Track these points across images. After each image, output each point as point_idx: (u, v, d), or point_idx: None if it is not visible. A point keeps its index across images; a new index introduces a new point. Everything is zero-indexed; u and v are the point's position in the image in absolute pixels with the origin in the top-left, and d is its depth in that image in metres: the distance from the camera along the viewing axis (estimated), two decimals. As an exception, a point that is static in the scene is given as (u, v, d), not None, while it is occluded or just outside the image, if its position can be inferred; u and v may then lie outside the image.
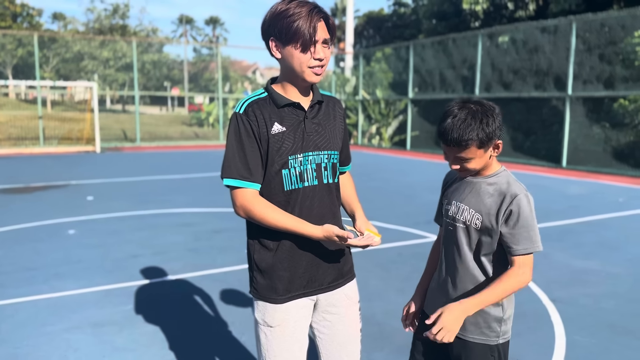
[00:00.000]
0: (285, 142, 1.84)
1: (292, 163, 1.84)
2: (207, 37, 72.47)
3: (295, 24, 1.73)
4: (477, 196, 1.85)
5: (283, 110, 1.86)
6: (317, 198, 1.91)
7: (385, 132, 21.58)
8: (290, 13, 1.74)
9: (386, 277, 4.95)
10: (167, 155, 17.51)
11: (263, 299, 1.92)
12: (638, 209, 8.53)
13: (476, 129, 1.73)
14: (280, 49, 1.80)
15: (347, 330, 2.04)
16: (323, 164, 1.91)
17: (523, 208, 1.76)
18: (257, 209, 1.81)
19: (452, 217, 1.91)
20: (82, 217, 7.40)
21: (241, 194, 1.83)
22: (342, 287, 2.02)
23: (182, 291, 4.54)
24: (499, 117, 1.77)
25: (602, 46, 14.49)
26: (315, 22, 1.75)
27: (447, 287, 1.93)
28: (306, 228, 1.81)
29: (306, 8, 1.75)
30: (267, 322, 1.92)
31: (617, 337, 3.69)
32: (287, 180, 1.85)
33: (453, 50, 18.99)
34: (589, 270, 5.22)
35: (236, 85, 39.41)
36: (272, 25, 1.78)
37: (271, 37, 1.80)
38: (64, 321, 3.84)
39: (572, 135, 14.65)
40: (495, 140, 1.78)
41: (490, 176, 1.86)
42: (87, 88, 21.08)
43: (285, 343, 1.92)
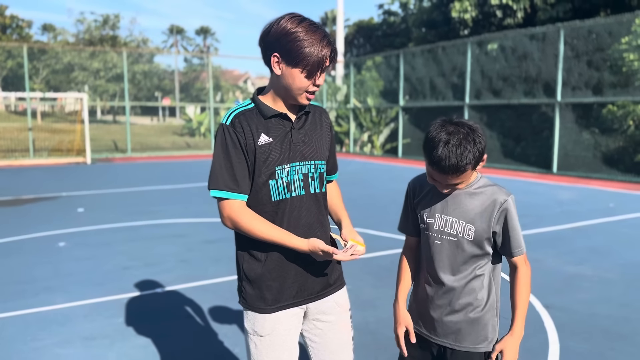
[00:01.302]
0: (272, 152, 1.84)
1: (279, 174, 1.85)
2: (198, 47, 72.55)
3: (307, 50, 1.73)
4: (465, 207, 1.84)
5: (270, 121, 1.86)
6: (305, 208, 1.91)
7: (377, 140, 21.64)
8: (302, 37, 1.73)
9: (379, 285, 4.93)
10: (159, 165, 17.44)
11: (252, 309, 1.92)
12: (629, 214, 8.58)
13: (472, 151, 1.71)
14: (282, 66, 1.79)
15: (339, 338, 2.03)
16: (310, 173, 1.91)
17: (511, 211, 1.82)
18: (243, 220, 1.82)
19: (439, 230, 1.88)
20: (73, 229, 7.33)
21: (228, 205, 1.83)
22: (332, 295, 2.01)
23: (174, 303, 4.49)
24: (483, 133, 1.78)
25: (590, 53, 14.64)
26: (325, 53, 1.76)
27: (439, 300, 1.90)
28: (292, 241, 1.82)
29: (318, 35, 1.75)
30: (256, 331, 1.91)
31: (611, 342, 3.69)
32: (274, 191, 1.85)
33: (443, 58, 19.12)
34: (581, 275, 5.23)
35: (227, 94, 39.42)
36: (279, 42, 1.75)
37: (275, 52, 1.78)
38: (53, 335, 3.79)
39: (562, 141, 14.75)
40: (483, 159, 1.79)
41: (471, 185, 1.85)
42: (77, 99, 20.99)
43: (275, 352, 1.91)
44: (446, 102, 18.63)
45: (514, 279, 1.88)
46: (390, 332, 3.86)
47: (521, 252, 1.85)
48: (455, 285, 1.87)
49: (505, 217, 1.80)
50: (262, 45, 1.82)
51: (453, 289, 1.87)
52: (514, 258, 1.85)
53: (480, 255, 1.84)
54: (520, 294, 1.86)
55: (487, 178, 1.90)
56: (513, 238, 1.82)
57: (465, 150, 1.70)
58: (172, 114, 52.50)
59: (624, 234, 7.10)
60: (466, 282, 1.85)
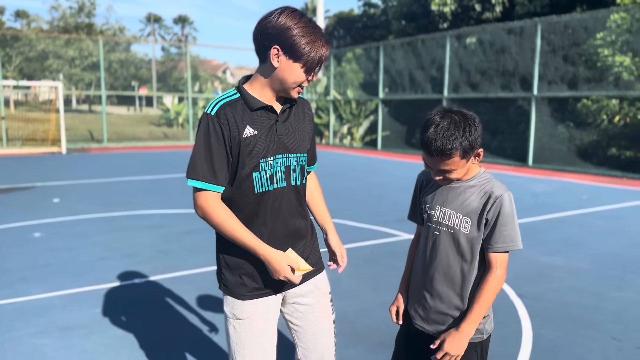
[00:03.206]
0: (257, 145, 1.85)
1: (263, 166, 1.86)
2: (176, 36, 71.63)
3: (309, 47, 1.78)
4: (463, 200, 1.87)
5: (255, 113, 1.87)
6: (286, 199, 1.94)
7: (357, 132, 21.70)
8: (304, 34, 1.77)
9: (358, 275, 4.98)
10: (136, 156, 17.24)
11: (231, 294, 1.95)
12: (601, 206, 8.79)
13: (459, 137, 1.73)
14: (281, 59, 1.80)
15: (320, 321, 2.07)
16: (292, 166, 1.94)
17: (505, 207, 1.80)
18: (216, 213, 1.83)
19: (438, 222, 1.92)
20: (48, 219, 7.23)
21: (203, 196, 1.84)
22: (310, 280, 2.05)
23: (152, 293, 4.48)
24: (479, 126, 1.80)
25: (566, 48, 14.88)
26: (324, 52, 1.82)
27: (430, 290, 1.95)
28: (262, 248, 1.83)
29: (318, 33, 1.80)
30: (235, 315, 1.95)
31: (581, 329, 3.80)
32: (257, 183, 1.87)
33: (422, 51, 19.22)
34: (554, 266, 5.36)
35: (206, 84, 39.07)
36: (281, 36, 1.77)
37: (275, 45, 1.78)
38: (30, 326, 3.76)
39: (537, 134, 14.99)
40: (477, 149, 1.81)
41: (472, 179, 1.88)
42: (52, 88, 20.57)
43: (254, 335, 1.95)
44: (425, 95, 18.76)
45: (484, 278, 1.84)
46: (369, 322, 3.93)
47: (499, 249, 1.81)
48: (448, 277, 1.90)
49: (498, 211, 1.80)
50: (260, 36, 1.81)
51: (446, 281, 1.90)
52: (492, 253, 1.82)
53: (475, 248, 1.86)
54: (483, 294, 1.83)
55: (488, 173, 1.92)
56: (498, 232, 1.80)
57: (452, 135, 1.73)
58: (149, 103, 51.81)
59: (596, 225, 7.28)
60: (459, 274, 1.88)
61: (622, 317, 4.05)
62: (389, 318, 3.87)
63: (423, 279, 1.98)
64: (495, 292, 1.84)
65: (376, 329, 3.78)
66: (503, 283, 1.85)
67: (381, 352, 3.41)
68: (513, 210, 1.82)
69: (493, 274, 1.82)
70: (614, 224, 7.35)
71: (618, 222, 7.53)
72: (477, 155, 1.83)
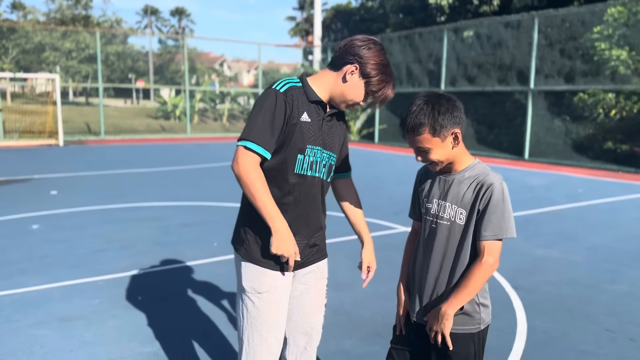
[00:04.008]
0: (309, 131, 2.00)
1: (309, 152, 2.01)
2: (173, 28, 71.28)
3: (383, 83, 2.01)
4: (457, 191, 1.89)
5: (311, 104, 2.02)
6: (316, 188, 2.08)
7: (354, 126, 21.72)
8: (383, 71, 2.00)
9: (353, 267, 5.00)
10: (133, 148, 17.22)
11: (254, 261, 2.03)
12: (596, 200, 8.85)
13: (427, 114, 1.82)
14: (354, 77, 2.00)
15: (313, 301, 2.18)
16: (324, 161, 2.09)
17: (495, 194, 1.82)
18: (251, 173, 1.91)
19: (435, 214, 1.94)
20: (46, 211, 7.25)
21: (247, 155, 1.93)
22: (316, 263, 2.18)
23: (151, 285, 4.51)
24: (456, 109, 1.84)
25: (563, 41, 14.90)
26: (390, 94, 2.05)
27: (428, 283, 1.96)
28: (279, 219, 1.91)
29: (392, 76, 2.06)
30: (256, 288, 2.01)
31: (575, 321, 3.85)
32: (299, 164, 2.00)
33: (419, 45, 19.22)
34: (549, 258, 5.41)
35: (203, 77, 38.96)
36: (367, 61, 1.98)
37: (357, 64, 1.98)
38: (29, 317, 3.79)
39: (534, 128, 15.04)
40: (450, 129, 1.83)
41: (465, 170, 1.91)
42: (49, 80, 20.50)
43: (272, 310, 2.02)
44: (422, 88, 18.77)
45: (473, 264, 1.84)
46: (365, 312, 3.97)
47: (487, 237, 1.81)
48: (444, 270, 1.92)
49: (489, 199, 1.81)
50: (346, 50, 2.01)
51: (443, 273, 1.93)
52: (482, 242, 1.83)
53: (472, 241, 1.87)
54: (469, 280, 1.83)
55: (482, 164, 1.94)
56: (487, 220, 1.81)
57: (421, 111, 1.83)
58: (146, 96, 51.65)
59: (591, 218, 7.33)
60: (457, 266, 1.90)
61: (616, 309, 4.10)
62: (385, 309, 3.93)
63: (421, 271, 2.01)
64: (483, 280, 1.83)
65: (372, 320, 3.82)
66: (493, 272, 1.84)
67: (377, 343, 3.46)
68: (504, 198, 1.83)
69: (481, 262, 1.82)
70: (609, 217, 7.40)
71: (613, 215, 7.58)
72: (455, 138, 1.85)
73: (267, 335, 2.03)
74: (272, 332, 2.04)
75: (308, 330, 2.18)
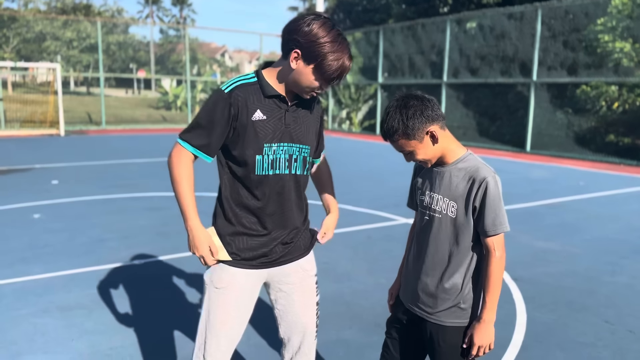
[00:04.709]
0: (264, 130, 1.92)
1: (266, 151, 1.93)
2: (174, 18, 70.99)
3: (331, 63, 1.81)
4: (449, 184, 1.88)
5: (268, 99, 1.93)
6: (286, 187, 2.00)
7: (355, 117, 21.68)
8: (330, 49, 1.80)
9: (355, 258, 5.03)
10: (134, 138, 17.21)
11: None
12: (598, 192, 8.84)
13: (397, 120, 1.82)
14: (299, 63, 1.84)
15: (302, 300, 2.12)
16: (294, 155, 1.99)
17: (490, 190, 1.80)
18: (180, 169, 1.95)
19: (428, 207, 1.94)
20: (47, 201, 7.25)
21: (182, 151, 1.95)
22: (297, 261, 2.10)
23: (152, 274, 4.52)
24: (426, 108, 1.81)
25: (566, 33, 14.82)
26: (347, 65, 1.85)
27: (420, 274, 1.97)
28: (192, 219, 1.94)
29: (344, 48, 1.83)
30: (213, 282, 2.01)
31: (574, 313, 3.86)
32: (259, 166, 1.93)
33: (422, 36, 19.13)
34: (550, 250, 5.41)
35: (204, 67, 38.87)
36: (307, 44, 1.80)
37: (297, 49, 1.82)
38: (30, 305, 3.80)
39: (536, 120, 15.00)
40: (423, 129, 1.81)
41: (456, 162, 1.88)
42: (49, 69, 20.47)
43: (227, 306, 2.00)
44: (424, 80, 18.72)
45: (485, 263, 1.87)
46: (365, 303, 3.98)
47: (493, 232, 1.82)
48: (438, 262, 1.92)
49: (484, 194, 1.80)
50: (286, 38, 1.86)
51: (433, 264, 1.93)
52: (486, 239, 1.84)
53: (464, 233, 1.87)
54: (489, 280, 1.85)
55: (475, 156, 1.92)
56: (487, 217, 1.81)
57: (391, 118, 1.83)
58: (147, 86, 51.52)
59: (592, 211, 7.33)
60: (447, 257, 1.90)
61: (616, 301, 4.11)
62: (385, 300, 3.92)
63: (414, 263, 2.01)
64: (501, 273, 1.86)
65: (371, 311, 3.83)
66: (504, 263, 1.87)
67: (376, 333, 3.47)
68: (499, 193, 1.83)
69: (494, 258, 1.83)
70: (610, 210, 7.39)
71: (614, 208, 7.58)
72: (432, 136, 1.83)
73: (218, 331, 2.01)
74: (224, 329, 2.01)
75: (301, 329, 2.14)
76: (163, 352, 3.19)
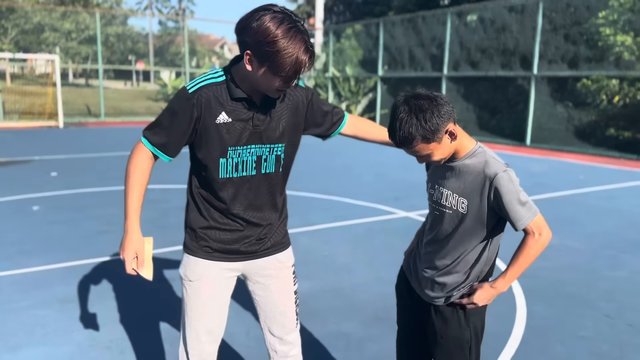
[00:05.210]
0: (228, 133, 1.84)
1: (231, 154, 1.86)
2: (173, 9, 70.64)
3: (284, 61, 1.63)
4: (459, 180, 1.84)
5: (234, 101, 1.83)
6: (254, 188, 1.94)
7: (355, 110, 21.62)
8: (281, 46, 1.61)
9: (354, 252, 5.02)
10: (133, 130, 17.16)
11: (187, 251, 2.02)
12: (597, 186, 8.83)
13: (415, 125, 1.69)
14: (254, 64, 1.70)
15: (280, 290, 2.11)
16: (264, 156, 1.92)
17: (505, 185, 1.75)
18: (134, 165, 1.90)
19: (437, 202, 1.92)
20: (47, 193, 7.24)
21: (142, 150, 1.93)
22: (274, 255, 2.08)
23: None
24: (440, 106, 1.71)
25: (567, 26, 14.75)
26: (304, 60, 1.66)
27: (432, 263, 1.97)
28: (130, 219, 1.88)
29: (298, 42, 1.63)
30: (187, 276, 2.01)
31: (574, 307, 3.86)
32: (222, 169, 1.88)
33: (422, 28, 19.04)
34: (549, 244, 5.36)
35: (203, 60, 38.73)
36: (257, 44, 1.64)
37: (247, 50, 1.69)
38: (29, 297, 3.79)
39: (536, 114, 14.96)
40: (443, 129, 1.72)
41: (466, 157, 1.83)
42: (48, 61, 20.39)
43: (202, 298, 2.00)
44: (425, 72, 18.66)
45: (523, 240, 1.84)
46: (365, 296, 3.98)
47: (524, 224, 1.78)
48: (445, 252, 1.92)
49: (499, 194, 1.76)
50: (238, 39, 1.73)
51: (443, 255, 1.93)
52: (525, 229, 1.81)
53: (476, 227, 1.85)
54: (519, 256, 1.83)
55: (485, 149, 1.86)
56: (511, 212, 1.76)
57: (407, 124, 1.70)
58: (146, 78, 51.34)
59: (592, 205, 7.32)
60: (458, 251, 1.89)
61: (615, 295, 4.11)
62: (385, 293, 3.93)
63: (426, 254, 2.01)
64: (535, 255, 1.83)
65: (371, 304, 3.83)
66: (546, 244, 1.83)
67: (376, 326, 3.47)
68: (514, 186, 1.77)
69: (532, 238, 1.81)
70: (610, 204, 7.39)
71: (614, 202, 7.57)
72: (450, 135, 1.75)
73: (195, 324, 2.01)
74: (202, 321, 2.01)
75: (279, 319, 2.12)
76: (162, 344, 3.18)
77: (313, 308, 3.65)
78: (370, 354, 3.12)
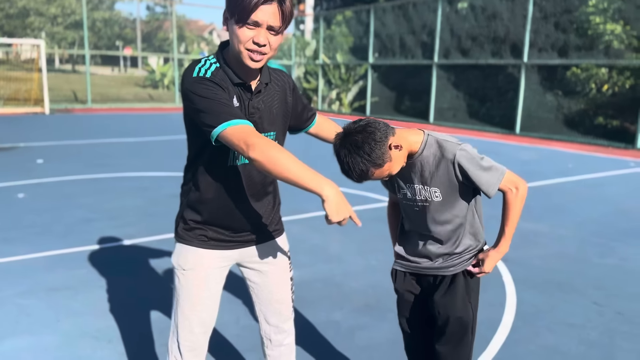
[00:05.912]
0: None
1: None
2: (162, -5, 69.76)
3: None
4: (424, 172, 1.88)
5: (234, 87, 1.80)
6: (249, 176, 1.91)
7: (345, 98, 21.54)
8: None
9: (345, 240, 5.00)
10: (120, 117, 16.98)
11: (180, 240, 1.97)
12: (586, 174, 8.88)
13: (360, 162, 1.73)
14: (228, 23, 1.73)
15: (276, 277, 2.10)
16: None
17: (465, 160, 1.81)
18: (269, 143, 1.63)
19: (412, 199, 1.95)
20: (32, 180, 7.13)
21: (240, 129, 1.64)
22: (268, 242, 2.06)
23: (139, 255, 4.46)
24: (373, 133, 1.72)
25: (557, 14, 14.76)
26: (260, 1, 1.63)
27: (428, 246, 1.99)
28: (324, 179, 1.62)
29: None
30: (180, 265, 1.96)
31: (564, 294, 3.87)
32: (231, 156, 1.84)
33: (413, 15, 18.96)
34: (539, 232, 5.43)
35: (192, 46, 38.32)
36: (228, 2, 1.70)
37: (225, 10, 1.73)
38: (14, 286, 3.73)
39: (526, 102, 15.00)
40: (386, 152, 1.74)
41: (421, 150, 1.86)
42: (34, 46, 20.04)
43: (195, 288, 1.96)
44: (415, 60, 18.60)
45: (503, 203, 1.94)
46: (355, 285, 3.96)
47: (494, 189, 1.86)
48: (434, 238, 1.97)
49: (464, 170, 1.81)
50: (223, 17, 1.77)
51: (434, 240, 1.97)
52: (499, 190, 1.89)
53: (457, 203, 1.90)
54: (507, 215, 1.94)
55: (433, 135, 1.87)
56: (480, 182, 1.83)
57: (352, 163, 1.75)
58: (133, 64, 50.68)
59: (581, 193, 7.36)
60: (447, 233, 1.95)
61: (604, 282, 4.12)
62: (375, 281, 3.92)
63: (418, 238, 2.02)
64: (521, 207, 1.94)
65: (362, 292, 3.81)
66: (525, 194, 1.92)
67: (367, 314, 3.45)
68: (474, 157, 1.82)
69: (510, 194, 1.90)
70: (598, 192, 7.43)
71: (603, 190, 7.62)
72: (396, 147, 1.78)
73: (189, 314, 1.98)
74: (195, 311, 1.98)
75: (276, 306, 2.11)
76: (150, 334, 3.14)
77: (303, 296, 3.63)
78: (360, 342, 3.11)
